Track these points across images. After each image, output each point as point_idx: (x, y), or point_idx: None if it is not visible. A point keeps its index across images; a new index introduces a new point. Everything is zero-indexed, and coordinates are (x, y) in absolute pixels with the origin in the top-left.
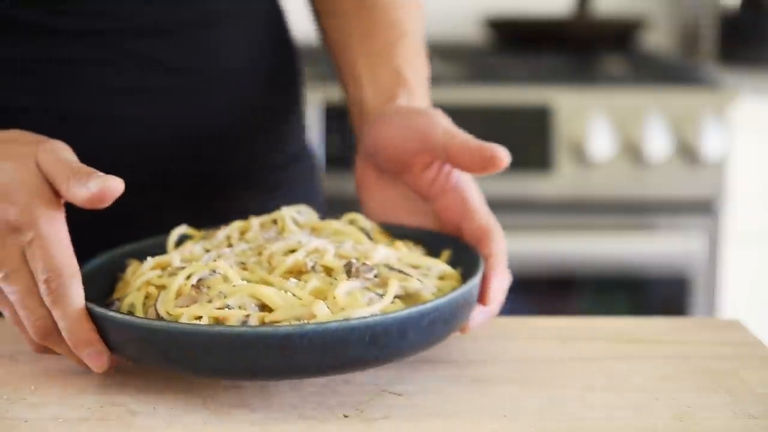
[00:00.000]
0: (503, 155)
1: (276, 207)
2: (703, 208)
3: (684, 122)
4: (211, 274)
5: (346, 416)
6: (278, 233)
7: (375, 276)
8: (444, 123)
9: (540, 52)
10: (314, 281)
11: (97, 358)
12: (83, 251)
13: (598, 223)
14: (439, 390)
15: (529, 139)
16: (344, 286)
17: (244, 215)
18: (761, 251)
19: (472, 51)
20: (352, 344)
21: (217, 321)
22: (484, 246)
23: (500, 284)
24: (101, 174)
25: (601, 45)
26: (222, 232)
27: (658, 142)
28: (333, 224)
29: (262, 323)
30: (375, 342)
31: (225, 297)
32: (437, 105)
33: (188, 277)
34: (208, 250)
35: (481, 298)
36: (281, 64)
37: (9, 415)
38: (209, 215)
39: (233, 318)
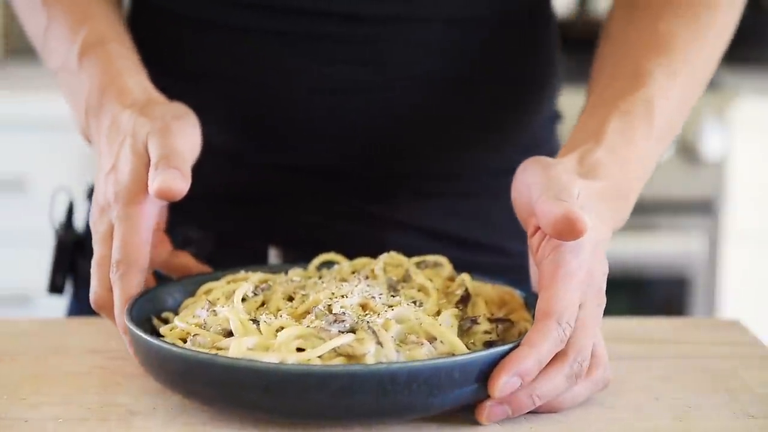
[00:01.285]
0: (576, 218)
1: (434, 218)
2: (703, 208)
3: (684, 122)
4: (254, 296)
5: None
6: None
7: (346, 331)
8: (550, 178)
9: None
10: (284, 318)
11: (131, 346)
12: (245, 219)
13: None
14: None
15: None
16: (292, 330)
17: (395, 226)
18: (761, 251)
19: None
20: (247, 387)
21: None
22: (530, 331)
23: (510, 380)
24: (174, 171)
25: None
26: (340, 265)
27: None
28: (420, 279)
29: (213, 347)
30: (267, 391)
31: (214, 316)
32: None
33: (230, 295)
34: (310, 277)
35: (489, 387)
36: (520, 74)
37: (9, 415)
38: (375, 220)
39: (190, 335)
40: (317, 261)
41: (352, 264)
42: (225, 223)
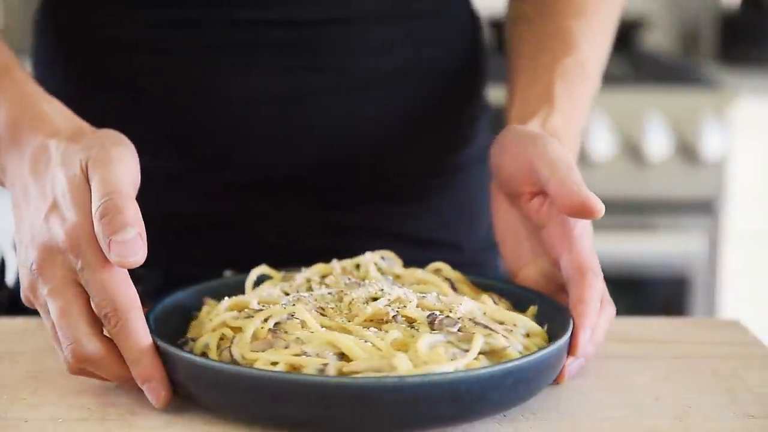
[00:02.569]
0: (595, 205)
1: (410, 221)
2: (703, 208)
3: (684, 122)
4: (288, 318)
5: None
6: (361, 279)
7: (459, 330)
8: (552, 154)
9: None
10: (395, 332)
11: (155, 393)
12: (198, 246)
13: (599, 223)
14: None
15: None
16: (426, 339)
17: (371, 232)
18: (761, 251)
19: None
20: (432, 401)
21: (294, 368)
22: (576, 288)
23: (586, 336)
24: (131, 233)
25: None
26: (302, 275)
27: (658, 142)
28: (417, 273)
29: (340, 373)
30: (455, 400)
31: (303, 343)
32: None
33: (265, 321)
34: (287, 293)
35: (571, 349)
36: (456, 67)
37: (9, 416)
38: (334, 229)
39: (310, 366)
40: (254, 275)
41: (316, 271)
42: (175, 255)
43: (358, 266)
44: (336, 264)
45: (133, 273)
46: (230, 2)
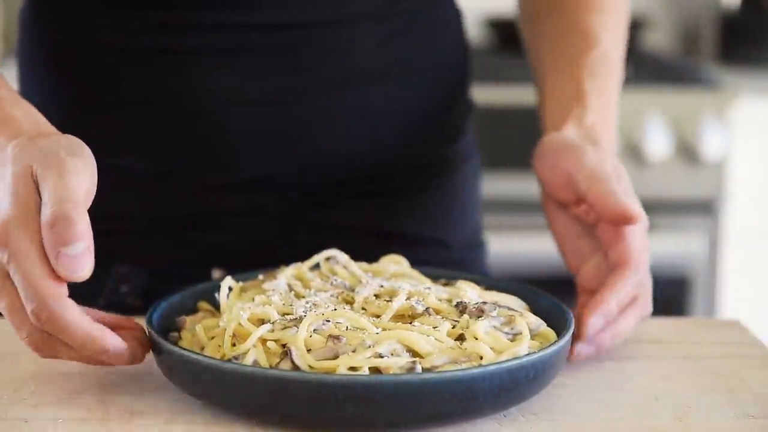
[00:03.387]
0: (634, 214)
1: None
2: (703, 208)
3: (684, 122)
4: (324, 324)
5: None
6: (327, 276)
7: (499, 315)
8: (589, 165)
9: None
10: (446, 324)
11: (119, 359)
12: (186, 245)
13: None
14: None
15: (529, 139)
16: (482, 327)
17: (362, 231)
18: (761, 251)
19: (472, 51)
20: (520, 382)
21: (377, 371)
22: (609, 277)
23: (598, 321)
24: (79, 247)
25: None
26: (282, 282)
27: (658, 142)
28: (390, 268)
29: (426, 369)
30: (536, 378)
31: (370, 346)
32: None
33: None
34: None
35: (578, 332)
36: (443, 65)
37: (9, 416)
38: (324, 228)
39: (395, 366)
40: (225, 288)
41: (290, 274)
42: (162, 255)
43: (315, 266)
44: (304, 266)
45: (118, 273)
46: (217, 6)
